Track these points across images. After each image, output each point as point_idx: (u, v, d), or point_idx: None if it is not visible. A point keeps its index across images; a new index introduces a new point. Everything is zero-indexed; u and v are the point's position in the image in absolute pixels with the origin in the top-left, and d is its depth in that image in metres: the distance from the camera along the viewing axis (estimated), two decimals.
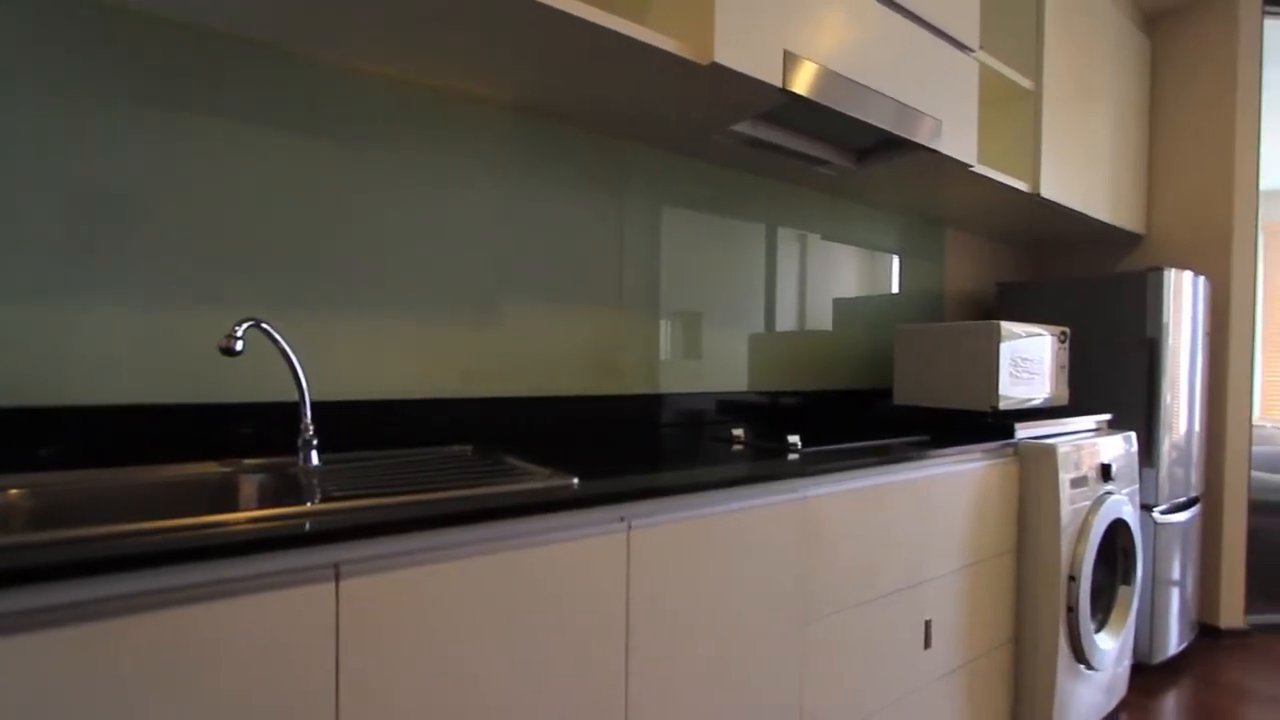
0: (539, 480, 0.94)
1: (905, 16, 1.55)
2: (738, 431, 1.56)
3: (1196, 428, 2.35)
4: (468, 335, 1.38)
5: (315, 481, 0.96)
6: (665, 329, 1.72)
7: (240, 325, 0.96)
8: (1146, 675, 2.17)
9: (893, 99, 1.50)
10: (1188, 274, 2.24)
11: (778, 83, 1.27)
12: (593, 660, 0.92)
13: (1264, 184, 5.15)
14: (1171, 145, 2.62)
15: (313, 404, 1.19)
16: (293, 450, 1.15)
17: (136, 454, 1.04)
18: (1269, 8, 2.49)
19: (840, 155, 1.70)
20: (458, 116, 1.36)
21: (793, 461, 1.21)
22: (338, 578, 0.72)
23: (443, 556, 0.79)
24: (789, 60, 1.29)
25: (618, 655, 0.94)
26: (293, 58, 1.17)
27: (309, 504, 0.77)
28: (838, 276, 2.16)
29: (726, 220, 1.86)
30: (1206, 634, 2.48)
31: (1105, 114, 2.36)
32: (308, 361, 1.19)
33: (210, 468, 1.03)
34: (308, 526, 0.70)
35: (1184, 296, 2.22)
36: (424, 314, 1.33)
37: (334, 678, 0.72)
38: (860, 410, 2.17)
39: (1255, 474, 2.65)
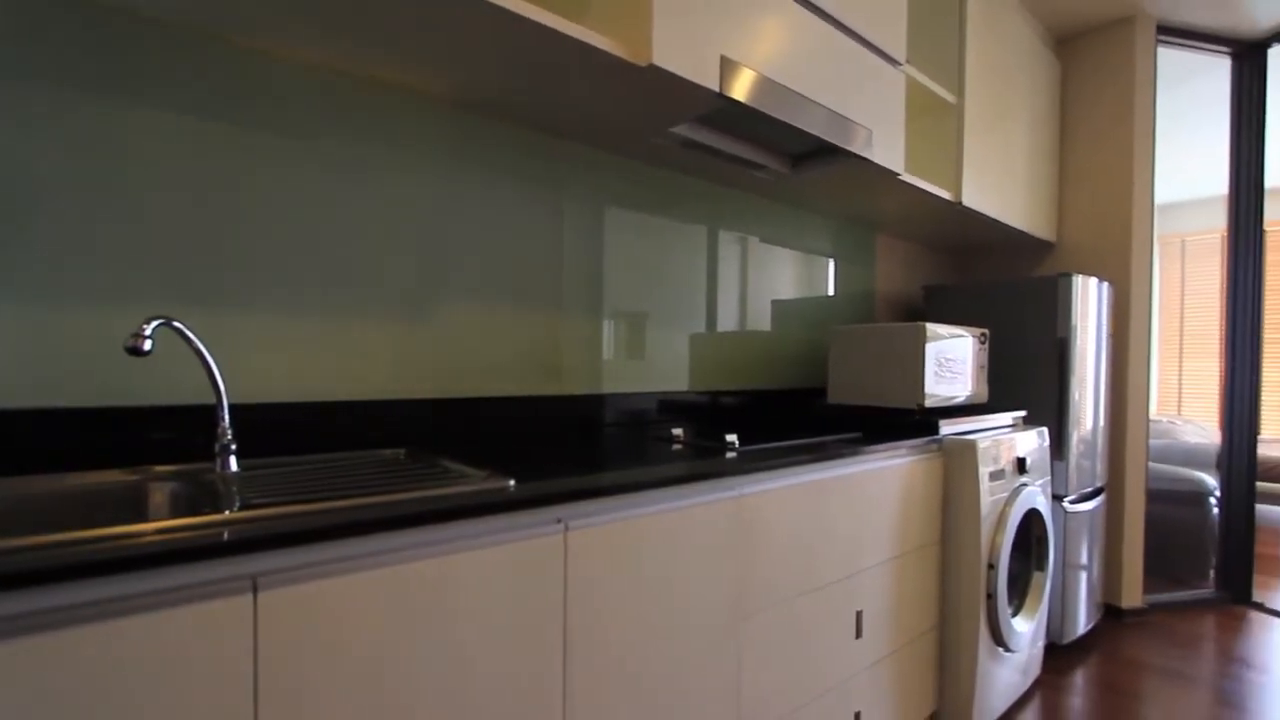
0: (474, 483, 0.92)
1: (838, 29, 1.61)
2: (678, 431, 1.58)
3: (1101, 423, 2.53)
4: (402, 334, 1.34)
5: (233, 489, 0.91)
6: (608, 329, 1.72)
7: (149, 324, 0.90)
8: (1058, 655, 2.32)
9: (826, 108, 1.55)
10: (1093, 280, 2.41)
11: (715, 87, 1.29)
12: (530, 663, 0.91)
13: (1159, 198, 5.61)
14: (1078, 160, 2.81)
15: (232, 406, 1.13)
16: (210, 456, 1.09)
17: (32, 462, 0.96)
18: (1162, 37, 2.71)
19: (776, 160, 1.74)
20: (388, 108, 1.32)
21: (730, 460, 1.23)
22: (255, 590, 0.68)
23: (370, 564, 0.76)
24: (726, 66, 1.32)
25: (555, 657, 0.94)
26: (214, 40, 1.11)
27: (225, 512, 0.73)
28: (776, 278, 2.22)
29: (669, 222, 1.87)
30: (1110, 614, 2.68)
31: (1020, 129, 2.51)
32: (227, 362, 1.13)
33: (117, 476, 0.97)
34: (225, 536, 0.66)
35: (1090, 301, 2.39)
36: (354, 312, 1.28)
37: (253, 699, 0.68)
38: (796, 409, 2.24)
39: (1152, 465, 2.88)
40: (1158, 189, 5.21)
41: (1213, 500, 2.96)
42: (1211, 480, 3.00)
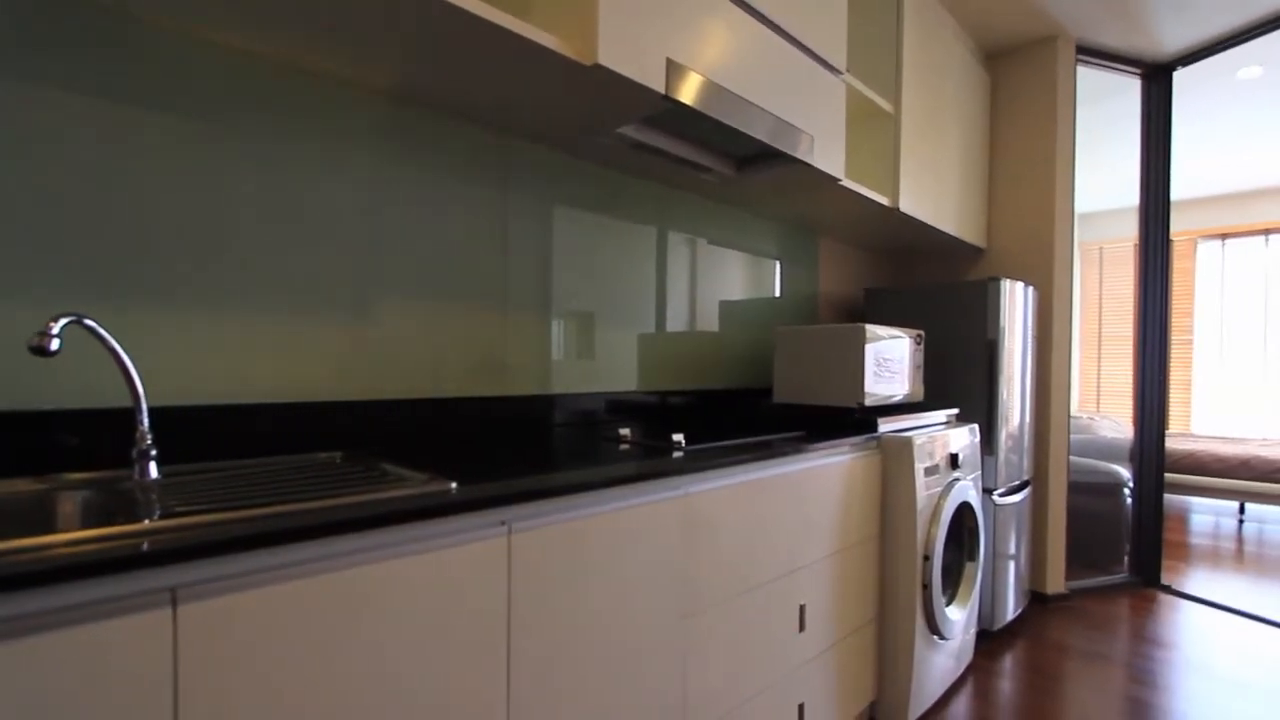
0: (413, 486, 0.90)
1: (782, 36, 1.65)
2: (625, 431, 1.58)
3: (1027, 419, 2.67)
4: (338, 334, 1.30)
5: (153, 497, 0.86)
6: (557, 329, 1.71)
7: (57, 321, 0.84)
8: (989, 640, 2.44)
9: (770, 113, 1.59)
10: (1020, 284, 2.54)
11: (661, 89, 1.30)
12: (472, 670, 0.89)
13: (1080, 208, 5.97)
14: (1006, 170, 2.96)
15: (155, 409, 1.06)
16: (128, 462, 1.03)
17: None
18: (1081, 57, 2.88)
19: (722, 163, 1.77)
20: (324, 99, 1.27)
21: (677, 459, 1.24)
22: (175, 603, 0.65)
23: (300, 573, 0.73)
24: (673, 69, 1.33)
25: (499, 661, 0.93)
26: (135, 21, 1.05)
27: (144, 522, 0.69)
28: (724, 280, 2.25)
29: (618, 223, 1.88)
30: (1036, 600, 2.83)
31: (953, 140, 2.62)
32: (148, 362, 1.07)
33: (23, 485, 0.90)
34: (145, 547, 0.62)
35: (1016, 304, 2.52)
36: (286, 310, 1.23)
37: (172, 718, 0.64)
38: (743, 408, 2.27)
39: (1073, 459, 3.05)
40: (1079, 199, 5.56)
41: (1126, 491, 3.17)
42: (1126, 472, 3.21)
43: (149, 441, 0.95)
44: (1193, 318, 5.95)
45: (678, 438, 1.39)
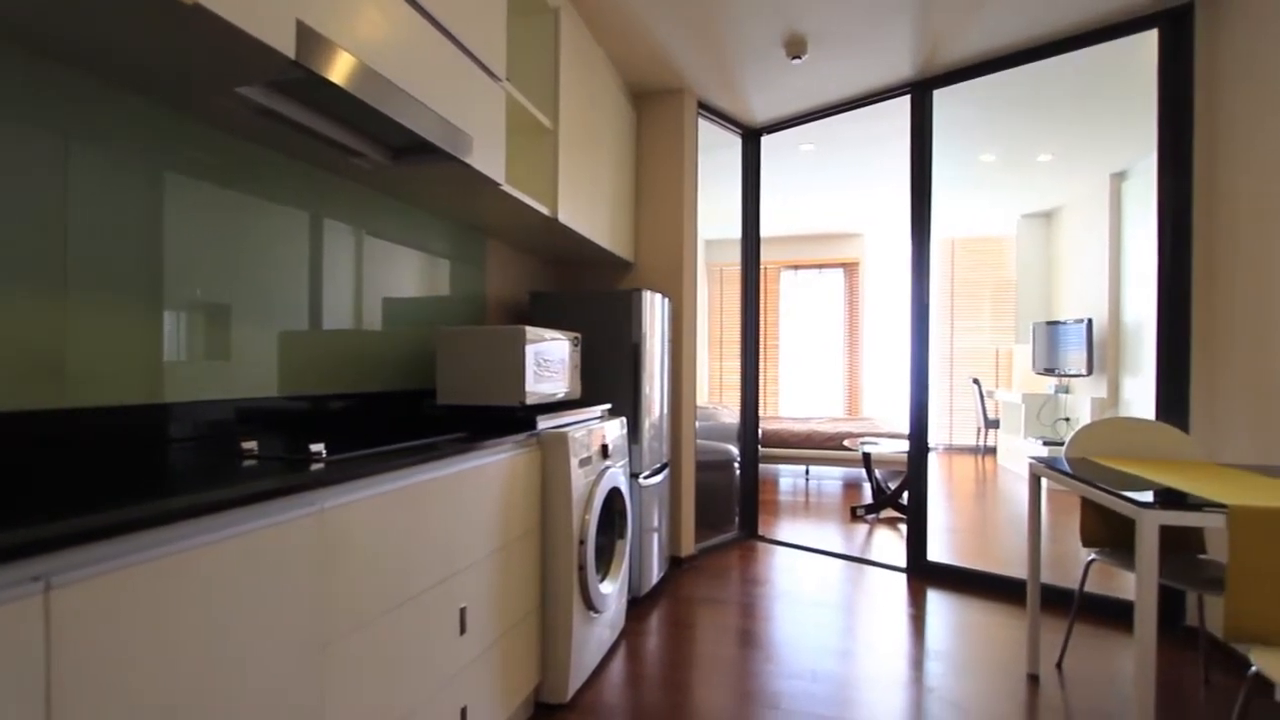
0: None
1: (440, 31, 1.61)
2: (250, 444, 1.35)
3: (666, 410, 3.13)
4: None
5: None
6: (173, 323, 1.37)
7: None
8: (638, 605, 2.78)
9: (428, 106, 1.53)
10: (658, 295, 2.97)
11: (291, 53, 1.15)
12: None
13: (710, 234, 7.28)
14: (649, 197, 3.43)
15: None
16: None
17: None
18: (701, 111, 3.51)
19: (376, 149, 1.65)
20: None
21: (313, 472, 1.10)
22: None
23: None
24: (308, 35, 1.18)
25: None
26: None
27: None
28: (389, 276, 2.10)
29: (261, 202, 1.60)
30: (675, 563, 3.34)
31: (607, 163, 2.93)
32: None
33: None
34: None
35: (656, 312, 2.93)
36: None
37: None
38: (405, 411, 2.16)
39: (700, 442, 3.69)
40: (708, 227, 6.77)
41: (736, 465, 3.96)
42: (735, 450, 4.01)
43: None
44: (779, 327, 7.78)
45: (317, 448, 1.24)
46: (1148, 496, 1.56)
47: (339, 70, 1.26)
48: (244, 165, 1.57)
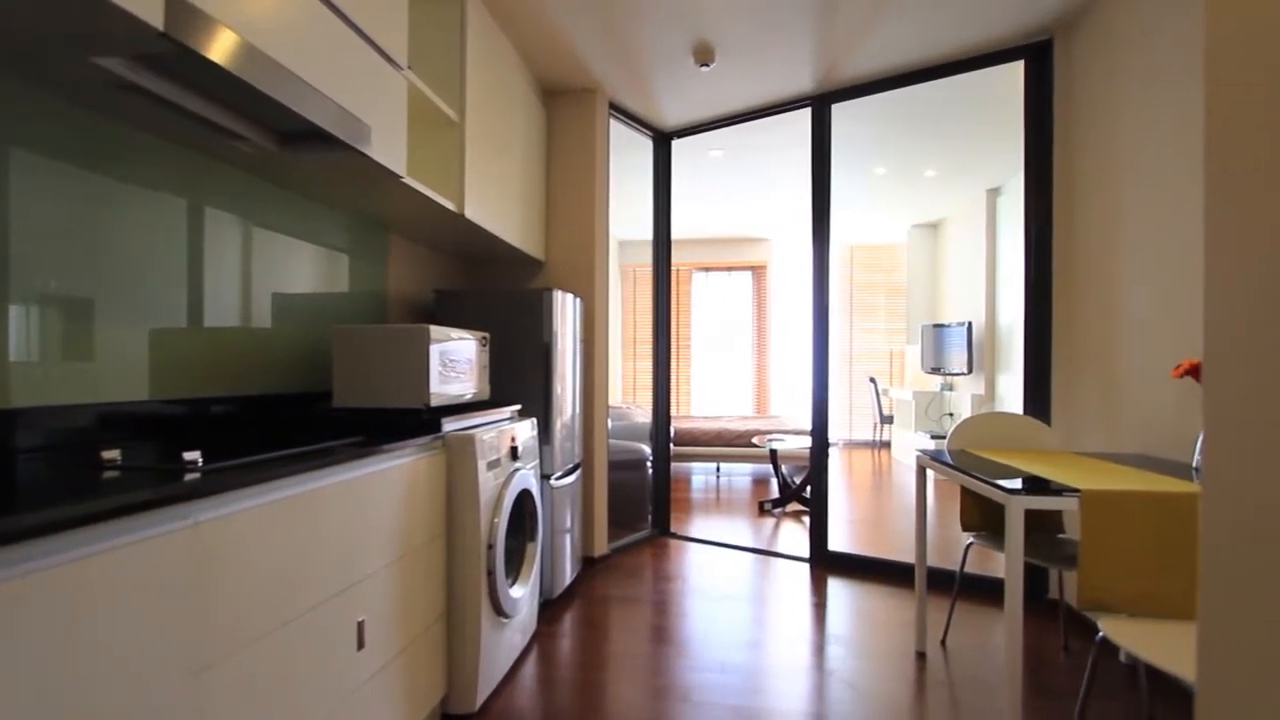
0: None
1: (333, 11, 1.52)
2: (112, 454, 1.22)
3: (578, 410, 3.12)
4: None
5: None
6: (21, 318, 1.21)
7: None
8: (550, 607, 2.74)
9: (316, 90, 1.44)
10: (570, 295, 2.95)
11: (158, 24, 1.04)
12: None
13: (624, 235, 7.32)
14: (560, 196, 3.40)
15: None
16: None
17: None
18: (613, 112, 3.52)
19: (260, 134, 1.53)
20: None
21: (186, 483, 1.01)
22: None
23: None
24: (181, 6, 1.08)
25: None
26: None
27: None
28: (280, 270, 1.95)
29: (129, 187, 1.45)
30: (588, 563, 3.32)
31: (516, 160, 2.87)
32: None
33: None
34: None
35: (568, 312, 2.91)
36: None
37: None
38: (299, 414, 2.02)
39: (613, 442, 3.70)
40: (622, 227, 6.79)
41: (649, 464, 4.00)
42: (648, 449, 4.06)
43: None
44: (691, 328, 7.94)
45: (192, 456, 1.13)
46: (1015, 484, 1.71)
47: (219, 48, 1.16)
48: (109, 145, 1.41)
